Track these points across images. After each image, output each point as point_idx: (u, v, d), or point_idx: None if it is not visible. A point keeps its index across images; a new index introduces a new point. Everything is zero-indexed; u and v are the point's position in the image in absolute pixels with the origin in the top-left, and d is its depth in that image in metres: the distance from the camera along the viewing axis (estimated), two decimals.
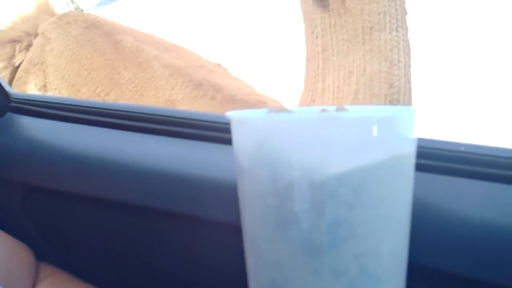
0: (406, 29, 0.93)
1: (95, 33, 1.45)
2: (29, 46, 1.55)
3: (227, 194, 0.74)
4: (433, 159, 0.69)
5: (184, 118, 0.93)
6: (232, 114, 0.58)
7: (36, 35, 1.54)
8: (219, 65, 1.47)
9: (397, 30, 0.91)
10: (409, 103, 0.99)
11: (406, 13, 0.93)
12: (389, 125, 0.54)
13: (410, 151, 0.56)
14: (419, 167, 0.59)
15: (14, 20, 1.60)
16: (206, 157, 0.84)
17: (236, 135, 0.58)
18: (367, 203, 0.52)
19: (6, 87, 1.05)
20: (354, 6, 0.88)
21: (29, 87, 1.54)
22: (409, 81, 0.96)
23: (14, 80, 1.58)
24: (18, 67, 1.54)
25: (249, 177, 0.57)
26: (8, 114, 1.02)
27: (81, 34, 1.45)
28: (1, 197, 1.04)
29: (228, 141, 0.81)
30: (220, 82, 1.34)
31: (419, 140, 0.58)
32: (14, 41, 1.56)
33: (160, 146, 0.89)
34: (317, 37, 0.95)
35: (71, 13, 1.51)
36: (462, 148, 0.69)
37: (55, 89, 1.48)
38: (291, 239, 0.53)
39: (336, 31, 0.91)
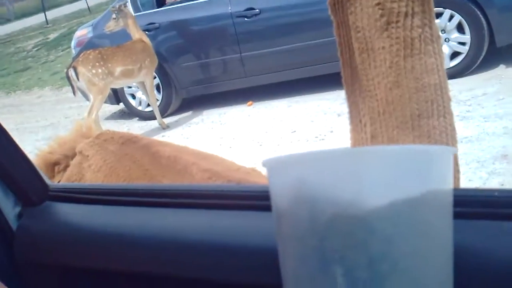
0: (452, 115, 0.95)
1: (133, 147, 1.50)
2: (66, 167, 1.59)
3: (264, 259, 0.74)
4: (469, 206, 0.68)
5: (201, 191, 0.99)
6: (268, 160, 0.58)
7: (73, 156, 1.59)
8: (254, 169, 1.49)
9: (444, 116, 0.93)
10: (458, 184, 0.99)
11: (450, 100, 0.95)
12: (426, 159, 0.54)
13: (447, 188, 0.56)
14: (456, 215, 0.59)
15: (52, 145, 1.66)
16: (235, 225, 0.87)
17: (274, 179, 0.59)
18: (407, 236, 0.52)
19: (45, 178, 1.13)
20: (402, 95, 0.90)
21: None
22: (457, 164, 0.97)
23: None
24: None
25: (288, 219, 0.57)
26: (46, 202, 1.09)
27: (119, 149, 1.50)
28: (38, 281, 1.07)
29: (252, 208, 0.85)
30: (259, 181, 1.36)
31: (454, 190, 0.58)
32: (54, 164, 1.61)
33: (188, 218, 0.93)
34: (365, 125, 0.97)
35: (107, 132, 1.57)
36: (496, 194, 0.69)
37: None
38: (334, 278, 0.52)
39: (385, 119, 0.93)
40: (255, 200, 0.86)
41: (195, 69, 7.01)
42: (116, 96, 7.41)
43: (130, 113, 7.59)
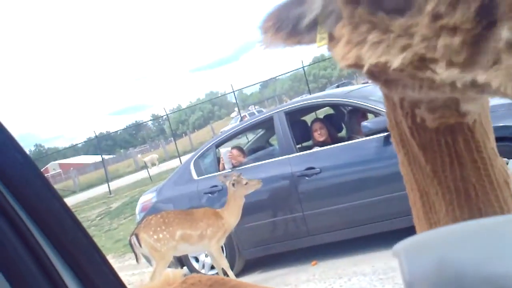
0: None
1: None
2: None
3: None
4: None
5: None
6: (401, 244, 0.55)
7: None
8: None
9: None
10: None
11: None
12: None
13: None
14: None
15: None
16: None
17: (409, 264, 0.55)
18: None
19: None
20: None
21: None
22: None
23: None
24: None
25: None
26: None
27: None
28: None
29: None
30: None
31: None
32: None
33: None
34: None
35: (195, 276, 1.55)
36: None
37: None
38: None
39: None
40: None
41: (258, 229, 7.01)
42: (180, 259, 7.42)
43: None
